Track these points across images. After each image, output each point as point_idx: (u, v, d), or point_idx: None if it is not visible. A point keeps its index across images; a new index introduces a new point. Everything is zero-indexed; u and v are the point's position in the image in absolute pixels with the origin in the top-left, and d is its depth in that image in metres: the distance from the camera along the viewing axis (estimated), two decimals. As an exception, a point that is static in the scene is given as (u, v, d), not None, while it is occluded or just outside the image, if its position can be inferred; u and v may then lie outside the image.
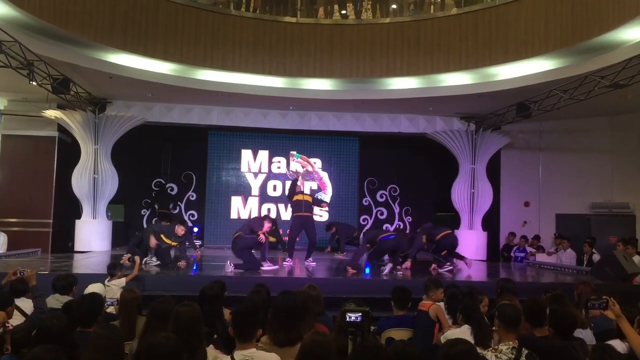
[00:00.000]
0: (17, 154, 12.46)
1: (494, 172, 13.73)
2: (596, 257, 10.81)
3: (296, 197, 10.07)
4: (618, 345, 3.73)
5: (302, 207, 10.00)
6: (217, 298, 4.74)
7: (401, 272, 9.12)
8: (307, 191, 10.48)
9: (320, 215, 14.30)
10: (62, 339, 3.19)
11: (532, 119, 11.67)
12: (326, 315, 4.77)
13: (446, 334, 4.18)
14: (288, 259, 9.98)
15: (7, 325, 3.85)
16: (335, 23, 11.42)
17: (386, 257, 9.86)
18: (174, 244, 9.60)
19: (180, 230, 9.41)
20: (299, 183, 10.20)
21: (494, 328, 3.96)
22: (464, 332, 3.89)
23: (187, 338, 3.27)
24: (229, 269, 8.67)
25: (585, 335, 4.39)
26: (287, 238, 10.56)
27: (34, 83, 9.15)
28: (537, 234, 13.41)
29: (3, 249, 11.16)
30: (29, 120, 12.26)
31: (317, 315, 4.53)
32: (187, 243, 9.75)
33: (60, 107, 12.07)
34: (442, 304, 5.42)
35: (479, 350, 3.21)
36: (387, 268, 9.32)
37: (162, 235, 9.38)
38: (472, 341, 3.71)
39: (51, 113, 11.89)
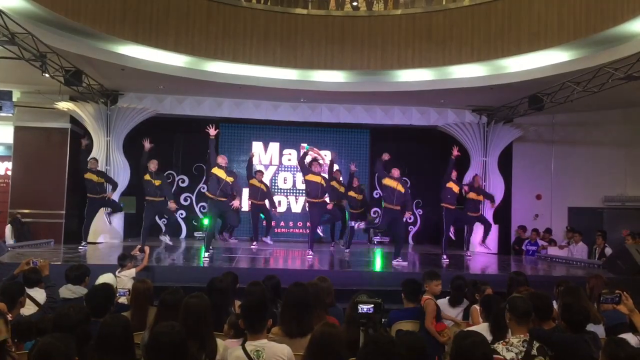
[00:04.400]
0: (30, 146, 12.54)
1: (505, 164, 13.63)
2: (608, 250, 10.75)
3: (311, 177, 9.72)
4: (631, 338, 3.71)
5: (319, 191, 9.76)
6: (228, 290, 4.76)
7: None
8: (323, 173, 10.08)
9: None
10: (77, 329, 3.22)
11: (545, 111, 11.57)
12: (336, 307, 4.78)
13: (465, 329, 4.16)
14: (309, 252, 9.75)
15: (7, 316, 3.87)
16: (347, 14, 11.36)
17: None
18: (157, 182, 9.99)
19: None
20: (311, 159, 9.96)
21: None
22: (482, 330, 3.87)
23: (196, 329, 3.29)
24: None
25: (597, 329, 4.36)
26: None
27: (46, 75, 9.19)
28: (549, 227, 13.34)
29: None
30: (41, 112, 12.34)
31: (328, 307, 4.54)
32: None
33: (72, 99, 12.14)
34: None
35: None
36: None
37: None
38: (490, 338, 3.69)
39: (64, 105, 11.97)
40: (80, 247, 10.18)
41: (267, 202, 11.51)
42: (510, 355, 3.38)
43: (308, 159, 10.18)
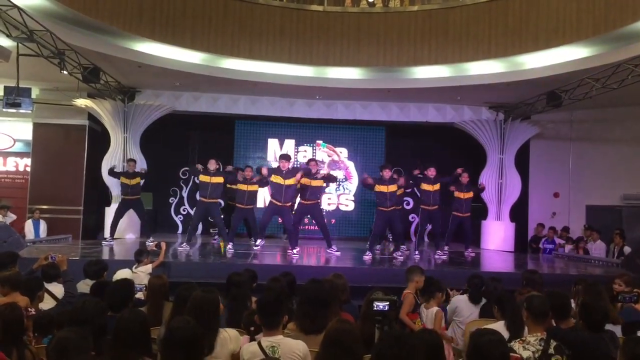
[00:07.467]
0: (48, 142, 12.70)
1: (522, 162, 13.51)
2: (627, 249, 10.63)
3: (303, 182, 10.05)
4: (649, 338, 3.66)
5: (307, 193, 9.99)
6: (245, 284, 4.79)
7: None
8: (319, 174, 10.32)
9: (347, 205, 14.35)
10: (93, 322, 3.25)
11: (563, 108, 11.46)
12: (351, 303, 4.78)
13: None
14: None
15: (29, 310, 3.92)
16: (363, 11, 11.32)
17: None
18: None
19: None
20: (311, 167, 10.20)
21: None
22: (499, 328, 3.84)
23: (202, 322, 3.32)
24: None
25: (614, 328, 4.31)
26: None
27: (65, 72, 9.27)
28: (566, 226, 13.21)
29: (44, 235, 11.57)
30: (60, 109, 12.48)
31: (343, 303, 4.54)
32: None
33: (90, 96, 12.24)
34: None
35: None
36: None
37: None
38: (507, 335, 3.66)
39: (82, 102, 12.07)
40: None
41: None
42: (527, 353, 3.35)
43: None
